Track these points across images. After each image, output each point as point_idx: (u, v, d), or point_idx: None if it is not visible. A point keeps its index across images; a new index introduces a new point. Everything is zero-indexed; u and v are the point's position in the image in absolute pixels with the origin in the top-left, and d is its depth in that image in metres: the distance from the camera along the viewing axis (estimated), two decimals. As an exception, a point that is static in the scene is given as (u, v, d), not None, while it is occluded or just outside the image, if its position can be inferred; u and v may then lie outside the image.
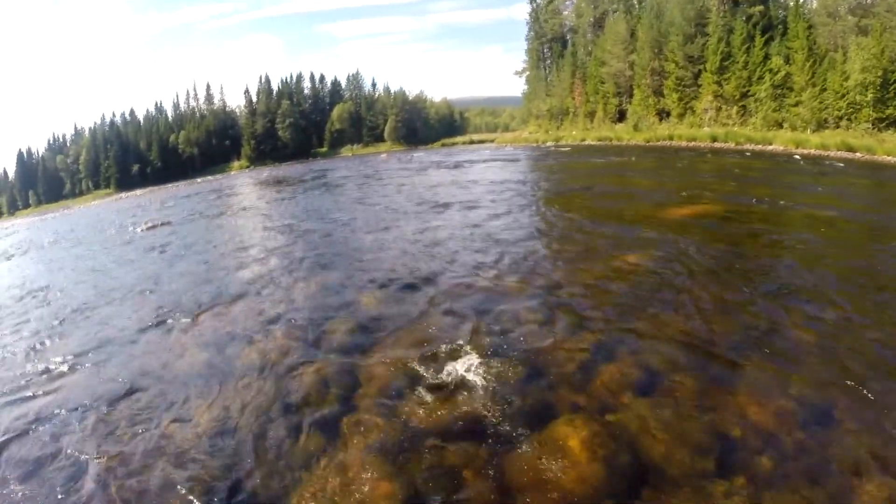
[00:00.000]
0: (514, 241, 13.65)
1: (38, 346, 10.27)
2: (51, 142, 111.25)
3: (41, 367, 9.11)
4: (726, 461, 5.04)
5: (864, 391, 5.91)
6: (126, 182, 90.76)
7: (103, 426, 6.81)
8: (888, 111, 32.30)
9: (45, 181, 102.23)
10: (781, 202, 16.14)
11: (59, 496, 5.52)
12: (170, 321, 10.41)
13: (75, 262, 19.65)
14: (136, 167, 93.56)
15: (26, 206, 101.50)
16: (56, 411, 7.38)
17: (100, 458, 6.08)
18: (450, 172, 35.29)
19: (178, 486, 5.40)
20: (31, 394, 8.12)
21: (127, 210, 41.33)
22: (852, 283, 9.33)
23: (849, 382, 6.11)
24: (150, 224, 26.26)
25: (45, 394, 8.04)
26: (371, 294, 10.53)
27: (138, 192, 77.13)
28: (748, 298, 8.85)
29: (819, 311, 8.19)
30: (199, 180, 78.85)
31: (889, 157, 26.49)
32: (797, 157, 29.24)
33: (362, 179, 36.62)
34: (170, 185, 77.09)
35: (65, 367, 8.92)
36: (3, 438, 6.89)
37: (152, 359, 8.78)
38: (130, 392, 7.64)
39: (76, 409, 7.36)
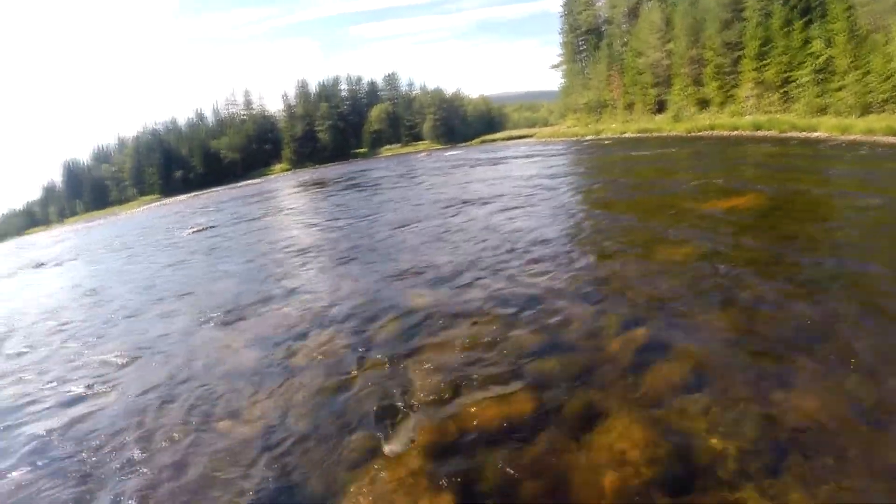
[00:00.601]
0: (557, 236, 13.58)
1: (90, 346, 10.59)
2: (96, 152, 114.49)
3: (94, 365, 9.43)
4: (779, 460, 4.95)
5: None
6: (170, 188, 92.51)
7: (154, 422, 6.98)
8: None
9: (91, 190, 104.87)
10: (830, 191, 15.63)
11: (110, 489, 5.68)
12: (218, 321, 10.60)
13: (124, 266, 20.18)
14: (179, 173, 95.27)
15: (74, 213, 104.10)
16: (108, 408, 7.62)
17: (150, 453, 6.24)
18: (489, 169, 35.07)
19: (228, 483, 5.50)
20: (84, 390, 8.40)
21: (172, 215, 42.28)
22: None
23: None
24: (195, 228, 26.84)
25: (98, 391, 8.29)
26: (417, 291, 10.55)
27: (182, 197, 78.38)
28: (800, 291, 8.58)
29: (873, 303, 7.89)
30: (241, 184, 79.93)
31: None
32: (843, 143, 28.34)
33: (402, 178, 36.72)
34: (212, 190, 78.12)
35: (116, 367, 9.18)
36: (59, 431, 7.18)
37: (201, 357, 8.93)
38: (181, 390, 7.80)
39: (127, 406, 7.58)
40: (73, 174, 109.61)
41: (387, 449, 5.67)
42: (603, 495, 4.74)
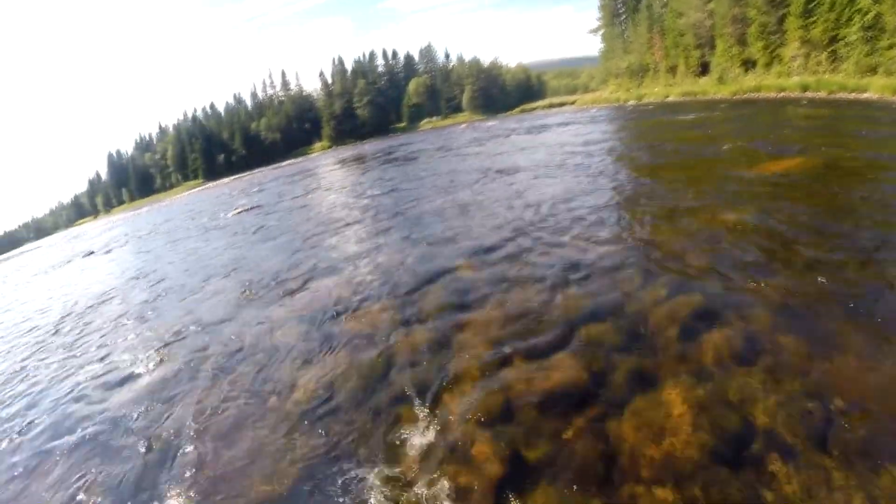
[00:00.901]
0: (600, 202, 13.34)
1: (142, 325, 10.94)
2: (138, 141, 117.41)
3: (147, 342, 9.71)
4: (826, 433, 4.83)
5: None
6: (213, 172, 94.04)
7: (206, 395, 7.13)
8: None
9: (135, 178, 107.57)
10: (883, 155, 15.03)
11: (168, 456, 5.88)
12: (265, 297, 10.70)
13: (172, 249, 20.45)
14: (221, 157, 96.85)
15: (120, 202, 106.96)
16: (163, 381, 7.83)
17: (203, 423, 6.40)
18: (529, 138, 34.58)
19: (278, 453, 5.59)
20: (138, 365, 8.69)
21: (216, 198, 42.79)
22: None
23: None
24: (239, 209, 27.07)
25: (152, 366, 8.54)
26: (462, 261, 10.44)
27: (225, 180, 79.54)
28: (854, 258, 8.24)
29: None
30: (283, 164, 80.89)
31: None
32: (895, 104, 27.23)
33: (441, 151, 36.50)
34: (255, 171, 79.09)
35: (168, 343, 9.38)
36: (118, 402, 7.51)
37: (249, 332, 9.03)
38: (230, 364, 7.93)
39: (180, 379, 7.78)
40: (117, 164, 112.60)
41: (434, 418, 5.69)
42: (650, 464, 4.74)
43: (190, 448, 5.93)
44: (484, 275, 9.54)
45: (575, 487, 4.62)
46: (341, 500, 4.88)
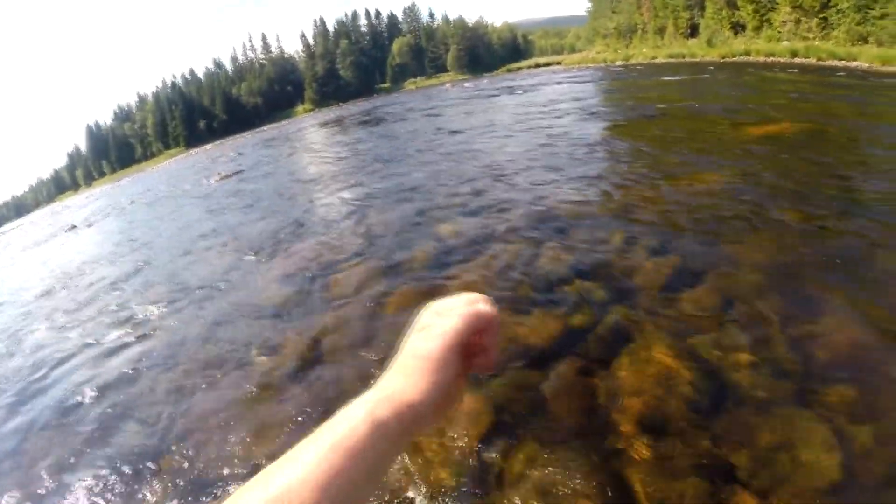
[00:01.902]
0: (585, 162, 13.46)
1: (128, 294, 10.96)
2: (117, 112, 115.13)
3: (134, 311, 9.73)
4: (808, 389, 4.90)
5: None
6: (194, 138, 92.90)
7: (194, 360, 7.19)
8: None
9: (116, 149, 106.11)
10: (868, 123, 15.28)
11: (151, 426, 5.97)
12: (250, 261, 10.78)
13: (154, 218, 20.38)
14: (202, 123, 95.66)
15: (101, 175, 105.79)
16: (151, 349, 7.90)
17: (191, 389, 6.49)
18: (514, 98, 34.52)
19: (269, 416, 5.67)
20: (125, 334, 8.72)
21: (198, 165, 42.45)
22: None
23: None
24: (221, 175, 26.82)
25: (140, 334, 8.58)
26: (443, 220, 10.58)
27: (207, 146, 78.63)
28: (834, 222, 8.34)
29: None
30: (265, 128, 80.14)
31: None
32: (884, 74, 27.27)
33: (424, 111, 36.33)
34: (237, 137, 78.32)
35: (155, 311, 9.41)
36: (104, 371, 7.61)
37: (235, 297, 9.11)
38: (217, 329, 7.99)
39: (170, 345, 7.86)
40: (97, 136, 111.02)
41: None
42: (631, 418, 4.79)
43: (177, 413, 6.04)
44: (467, 233, 9.64)
45: (558, 440, 4.70)
46: None
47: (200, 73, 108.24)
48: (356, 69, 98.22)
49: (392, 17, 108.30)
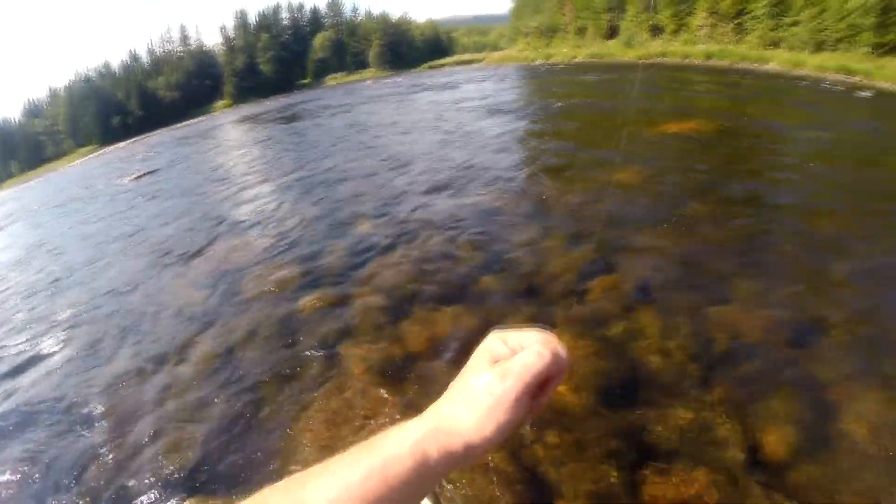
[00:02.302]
0: (502, 160, 13.70)
1: (37, 304, 10.57)
2: (26, 107, 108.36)
3: (44, 321, 9.44)
4: (715, 371, 5.21)
5: (853, 304, 6.07)
6: (109, 136, 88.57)
7: (108, 371, 7.02)
8: (888, 37, 31.61)
9: (25, 148, 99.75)
10: (775, 122, 16.26)
11: (66, 444, 5.73)
12: (165, 264, 10.59)
13: (65, 222, 19.60)
14: (117, 119, 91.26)
15: (10, 176, 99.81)
16: (61, 362, 7.66)
17: (107, 402, 6.31)
18: (434, 94, 34.98)
19: (185, 421, 5.59)
20: (35, 347, 8.45)
21: (112, 163, 40.88)
22: (843, 200, 9.40)
23: (836, 295, 6.29)
24: (136, 174, 26.08)
25: (49, 347, 8.32)
26: (362, 219, 10.63)
27: (122, 144, 75.35)
28: (740, 214, 8.93)
29: (810, 226, 8.33)
30: (182, 124, 77.52)
31: (887, 83, 26.12)
32: (793, 77, 28.87)
33: (346, 107, 36.23)
34: (154, 133, 75.48)
35: (66, 321, 9.14)
36: (11, 387, 7.31)
37: (151, 302, 8.93)
38: (132, 336, 7.85)
39: (81, 356, 7.64)
40: (5, 133, 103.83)
41: (336, 374, 5.84)
42: (547, 409, 4.81)
43: (91, 431, 5.83)
44: (383, 230, 9.79)
45: None
46: (246, 465, 4.92)
47: (116, 66, 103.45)
48: (277, 64, 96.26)
49: (315, 10, 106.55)
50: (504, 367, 0.74)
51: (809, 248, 7.61)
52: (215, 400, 5.80)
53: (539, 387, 0.75)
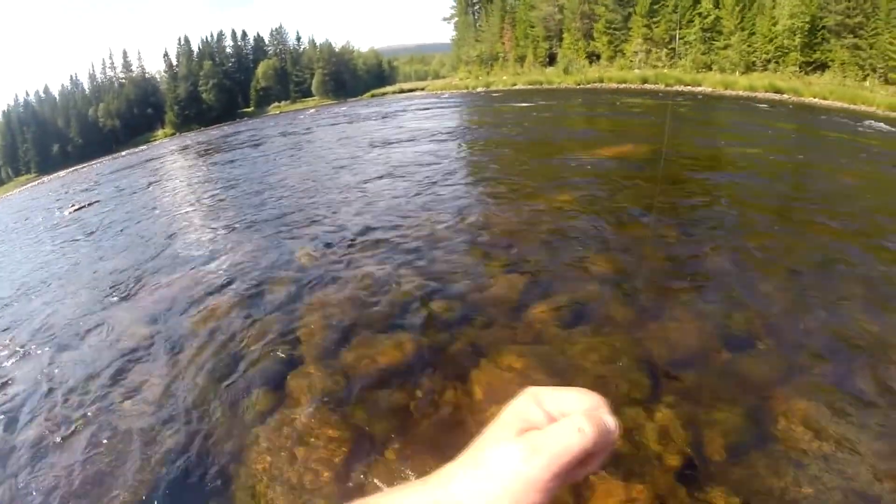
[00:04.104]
0: (443, 185, 13.96)
1: None
2: None
3: None
4: (653, 384, 5.39)
5: (781, 312, 6.55)
6: (48, 164, 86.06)
7: (51, 415, 6.82)
8: (815, 55, 33.88)
9: None
10: (710, 140, 16.92)
11: (14, 486, 5.62)
12: (107, 302, 10.35)
13: (1, 257, 19.00)
14: (56, 147, 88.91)
15: None
16: (2, 408, 7.35)
17: (48, 443, 6.18)
18: (377, 123, 35.05)
19: (134, 461, 5.52)
20: None
21: (51, 194, 39.83)
22: (773, 214, 10.04)
23: (769, 307, 6.68)
24: (76, 206, 25.41)
25: None
26: (305, 250, 10.65)
27: (62, 173, 73.57)
28: (675, 232, 9.29)
29: (741, 241, 8.77)
30: (123, 154, 76.02)
31: (815, 99, 27.72)
32: (725, 97, 30.02)
33: (289, 137, 36.16)
34: (94, 162, 73.77)
35: (5, 359, 8.91)
36: None
37: (93, 340, 8.75)
38: (77, 376, 7.62)
39: (23, 400, 7.38)
40: None
41: (282, 407, 5.87)
42: (489, 426, 4.95)
43: (39, 475, 5.70)
44: (326, 261, 9.87)
45: (421, 456, 4.91)
46: (194, 496, 4.96)
47: (56, 90, 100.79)
48: (219, 92, 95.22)
49: (258, 38, 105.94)
50: (535, 442, 0.61)
51: (740, 262, 8.05)
52: (159, 439, 5.79)
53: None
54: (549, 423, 0.64)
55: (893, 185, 12.23)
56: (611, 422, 0.64)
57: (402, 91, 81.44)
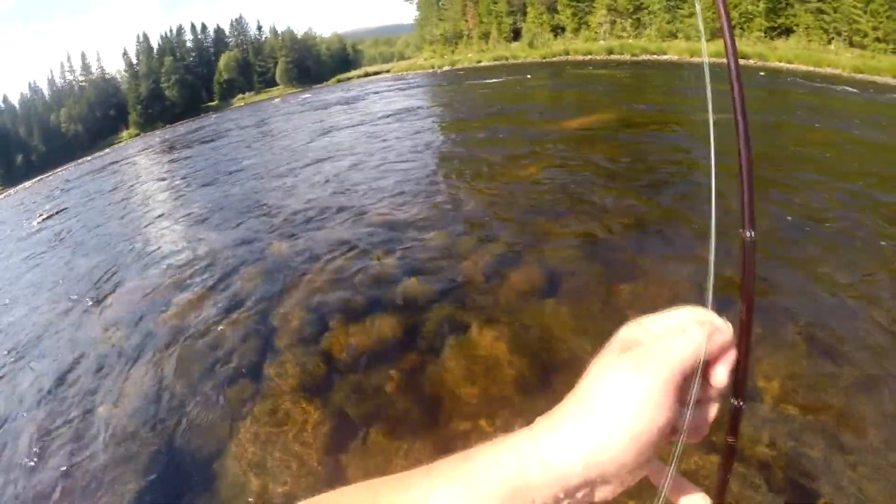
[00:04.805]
0: (413, 166, 14.00)
1: None
2: None
3: None
4: None
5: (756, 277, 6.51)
6: (12, 176, 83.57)
7: (31, 424, 6.85)
8: (779, 20, 33.76)
9: None
10: (675, 109, 16.86)
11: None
12: (81, 308, 10.29)
13: None
14: (20, 157, 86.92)
15: None
16: None
17: (37, 456, 6.14)
18: (342, 109, 34.96)
19: (117, 464, 5.55)
20: None
21: (17, 205, 39.42)
22: (735, 177, 9.88)
23: (737, 264, 6.63)
24: (44, 215, 25.15)
25: None
26: (278, 239, 10.70)
27: (27, 183, 71.64)
28: (645, 200, 9.36)
29: (709, 205, 8.64)
30: (88, 158, 74.64)
31: (780, 63, 27.80)
32: (692, 65, 30.19)
33: (254, 129, 35.88)
34: (59, 170, 72.24)
35: None
36: None
37: (68, 347, 8.72)
38: (53, 386, 7.62)
39: (1, 412, 7.41)
40: None
41: (263, 393, 5.91)
42: (473, 402, 5.12)
43: (26, 485, 5.71)
44: (301, 247, 9.88)
45: (404, 435, 4.97)
46: (182, 492, 4.99)
47: (15, 99, 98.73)
48: (182, 88, 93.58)
49: (219, 30, 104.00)
50: (638, 353, 0.56)
51: (707, 224, 7.95)
52: (140, 438, 5.79)
53: (697, 378, 0.55)
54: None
55: (853, 142, 12.32)
56: (720, 322, 0.59)
57: (367, 75, 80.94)
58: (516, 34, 58.89)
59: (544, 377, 5.31)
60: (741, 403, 0.60)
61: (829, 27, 32.73)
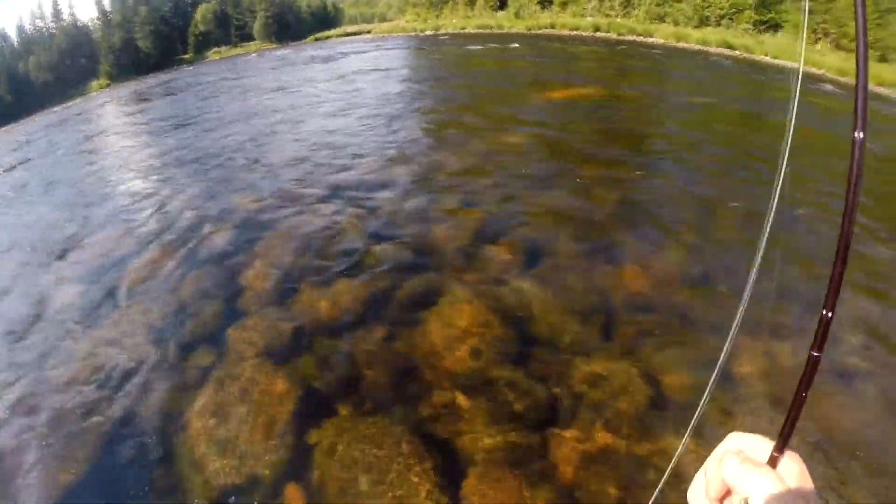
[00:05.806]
0: (393, 130, 13.80)
1: None
2: None
3: None
4: (609, 326, 5.47)
5: (734, 256, 6.60)
6: None
7: None
8: (769, 15, 34.00)
9: None
10: (659, 89, 17.21)
11: None
12: (40, 261, 10.12)
13: None
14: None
15: None
16: None
17: None
18: (320, 67, 34.84)
19: (70, 422, 5.40)
20: None
21: (-20, 155, 38.24)
22: (723, 159, 10.19)
23: (718, 249, 6.85)
24: (5, 167, 24.30)
25: None
26: (247, 196, 10.52)
27: (-7, 133, 70.46)
28: (626, 174, 9.43)
29: (692, 184, 8.91)
30: (56, 109, 73.16)
31: (766, 57, 28.08)
32: (676, 50, 30.70)
33: (231, 83, 35.46)
34: (28, 120, 70.69)
35: None
36: None
37: (24, 306, 8.43)
38: (6, 343, 7.42)
39: None
40: None
41: (225, 361, 5.74)
42: (446, 376, 5.00)
43: None
44: (272, 206, 9.78)
45: (375, 408, 4.82)
46: (142, 462, 4.76)
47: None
48: (156, 39, 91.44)
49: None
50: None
51: (694, 203, 8.02)
52: (95, 410, 5.50)
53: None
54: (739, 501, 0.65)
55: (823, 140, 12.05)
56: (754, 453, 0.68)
57: (346, 34, 79.95)
58: (503, 3, 58.28)
59: (525, 354, 5.19)
60: (830, 314, 0.67)
61: (817, 27, 32.92)
